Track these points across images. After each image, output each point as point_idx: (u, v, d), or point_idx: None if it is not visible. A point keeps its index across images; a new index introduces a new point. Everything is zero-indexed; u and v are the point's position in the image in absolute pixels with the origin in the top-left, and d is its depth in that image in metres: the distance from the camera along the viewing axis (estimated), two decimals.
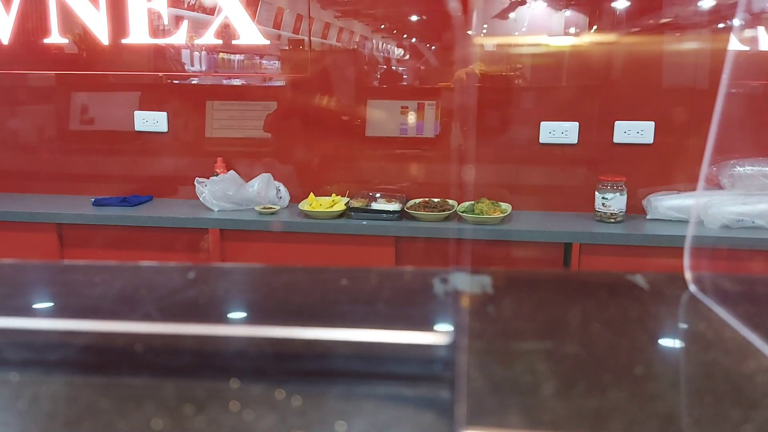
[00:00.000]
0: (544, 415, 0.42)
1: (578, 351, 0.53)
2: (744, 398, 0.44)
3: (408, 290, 0.70)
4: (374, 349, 0.48)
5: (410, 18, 2.49)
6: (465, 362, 0.48)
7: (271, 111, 2.56)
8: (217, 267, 0.98)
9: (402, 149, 2.51)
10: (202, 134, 2.60)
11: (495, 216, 2.19)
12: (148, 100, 2.62)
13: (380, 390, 0.45)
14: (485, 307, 0.61)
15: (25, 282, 0.76)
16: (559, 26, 2.35)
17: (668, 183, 2.30)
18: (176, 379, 0.47)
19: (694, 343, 0.58)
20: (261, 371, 0.47)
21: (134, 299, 0.66)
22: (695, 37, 2.26)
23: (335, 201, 2.38)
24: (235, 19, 2.44)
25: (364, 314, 0.62)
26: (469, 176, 2.40)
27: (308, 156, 2.55)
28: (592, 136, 2.36)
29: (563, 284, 0.75)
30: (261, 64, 2.56)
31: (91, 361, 0.50)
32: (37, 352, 0.51)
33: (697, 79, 2.25)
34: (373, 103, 2.49)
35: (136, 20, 2.49)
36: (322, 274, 0.74)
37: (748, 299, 0.68)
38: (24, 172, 2.75)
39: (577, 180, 2.38)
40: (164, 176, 2.65)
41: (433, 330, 0.53)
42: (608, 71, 2.33)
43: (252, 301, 0.70)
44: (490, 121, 2.43)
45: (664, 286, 0.68)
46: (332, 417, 0.43)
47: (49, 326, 0.53)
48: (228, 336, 0.50)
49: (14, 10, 2.55)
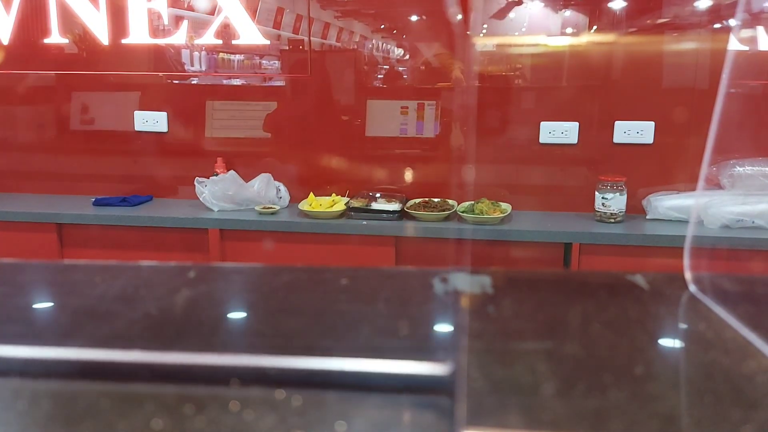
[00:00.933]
0: (544, 416, 0.42)
1: (578, 351, 0.53)
2: (744, 398, 0.44)
3: (408, 290, 0.70)
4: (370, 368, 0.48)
5: (410, 18, 2.49)
6: (465, 362, 0.48)
7: (270, 111, 2.56)
8: (217, 267, 0.98)
9: (402, 149, 2.51)
10: (202, 134, 2.60)
11: (495, 216, 2.19)
12: (148, 100, 2.62)
13: (380, 390, 0.45)
14: (485, 307, 0.61)
15: (26, 281, 0.76)
16: (559, 26, 2.35)
17: (668, 183, 2.30)
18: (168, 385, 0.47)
19: (694, 343, 0.58)
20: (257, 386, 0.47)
21: (134, 298, 0.66)
22: (695, 37, 2.26)
23: (335, 201, 2.38)
24: (235, 19, 2.44)
25: (364, 314, 0.62)
26: (469, 176, 2.40)
27: (308, 156, 2.55)
28: (592, 136, 2.36)
29: (563, 284, 0.75)
30: (261, 64, 2.56)
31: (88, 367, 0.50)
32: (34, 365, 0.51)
33: (697, 79, 2.25)
34: (373, 103, 2.49)
35: (136, 20, 2.49)
36: (322, 274, 0.74)
37: (748, 299, 0.68)
38: (24, 172, 2.75)
39: (577, 180, 2.38)
40: (164, 176, 2.65)
41: (434, 354, 0.52)
42: (608, 71, 2.32)
43: (252, 300, 0.70)
44: (490, 121, 2.43)
45: (664, 286, 0.68)
46: (332, 418, 0.43)
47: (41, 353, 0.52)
48: (220, 367, 0.48)
49: (14, 10, 2.55)
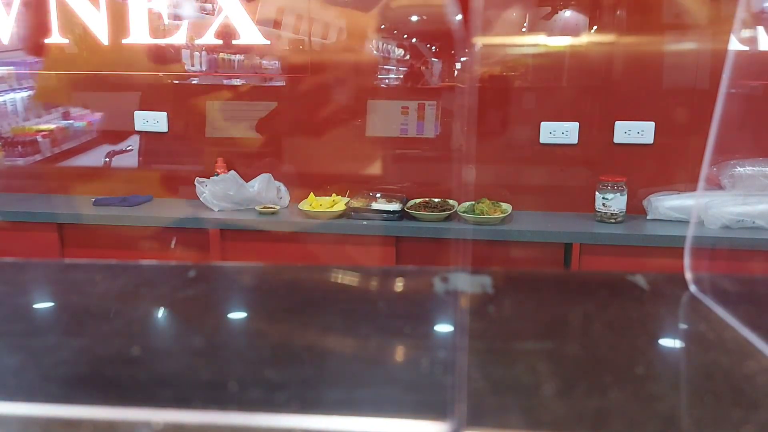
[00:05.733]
0: (544, 416, 0.42)
1: (578, 351, 0.53)
2: (744, 398, 0.44)
3: (408, 290, 0.70)
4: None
5: (410, 18, 2.48)
6: (465, 362, 0.47)
7: (270, 111, 2.56)
8: (216, 266, 0.98)
9: (402, 149, 2.51)
10: (202, 134, 2.60)
11: (495, 216, 2.19)
12: (148, 100, 2.62)
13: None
14: (485, 307, 0.61)
15: (27, 280, 0.76)
16: (559, 26, 2.35)
17: (668, 183, 2.30)
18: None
19: (695, 343, 0.57)
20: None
21: (134, 298, 0.66)
22: (695, 37, 2.26)
23: (335, 201, 2.38)
24: (235, 19, 2.44)
25: (365, 314, 0.62)
26: (470, 176, 2.40)
27: (308, 156, 2.55)
28: (593, 136, 2.36)
29: (563, 284, 0.74)
30: (261, 64, 2.56)
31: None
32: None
33: (697, 79, 2.25)
34: (373, 103, 2.49)
35: (136, 20, 2.49)
36: (322, 274, 0.74)
37: (748, 299, 0.68)
38: (24, 171, 2.75)
39: (577, 180, 2.38)
40: (164, 176, 2.65)
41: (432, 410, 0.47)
42: (608, 71, 2.32)
43: (251, 300, 0.70)
44: (490, 122, 2.43)
45: (664, 286, 0.68)
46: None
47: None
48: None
49: (14, 10, 2.55)
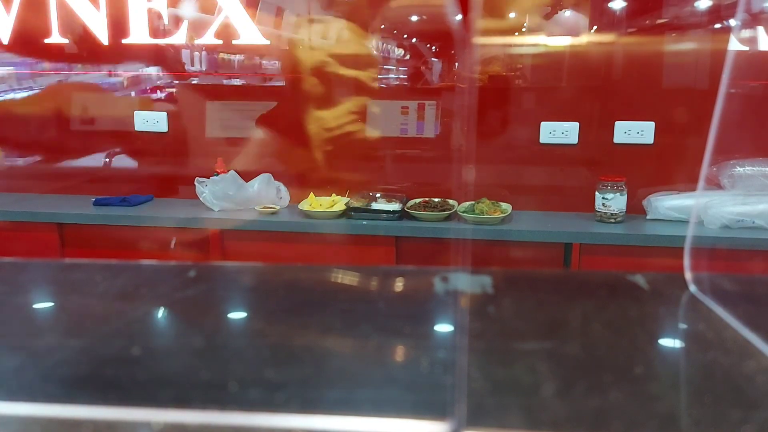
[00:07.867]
0: (544, 416, 0.42)
1: (578, 351, 0.53)
2: (744, 398, 0.44)
3: (408, 290, 0.70)
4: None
5: (410, 18, 2.49)
6: (465, 362, 0.48)
7: (270, 111, 2.56)
8: (216, 266, 0.98)
9: (402, 149, 2.51)
10: (202, 134, 2.60)
11: (495, 216, 2.19)
12: (148, 100, 2.62)
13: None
14: (485, 307, 0.61)
15: (27, 280, 0.76)
16: (559, 26, 2.35)
17: (668, 183, 2.30)
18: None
19: (694, 343, 0.58)
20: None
21: (134, 298, 0.66)
22: (695, 37, 2.26)
23: (335, 201, 2.38)
24: (235, 19, 2.44)
25: (364, 314, 0.62)
26: (470, 176, 2.40)
27: (308, 156, 2.55)
28: (593, 136, 2.36)
29: (563, 284, 0.75)
30: (261, 64, 2.56)
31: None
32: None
33: (697, 79, 2.25)
34: (373, 103, 2.49)
35: (136, 20, 2.49)
36: (322, 274, 0.74)
37: (748, 299, 0.68)
38: (25, 172, 2.75)
39: (577, 180, 2.38)
40: (164, 176, 2.65)
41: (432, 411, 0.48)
42: (608, 71, 2.32)
43: (251, 300, 0.70)
44: (490, 121, 2.43)
45: (664, 286, 0.68)
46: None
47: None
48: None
49: (14, 10, 2.55)
